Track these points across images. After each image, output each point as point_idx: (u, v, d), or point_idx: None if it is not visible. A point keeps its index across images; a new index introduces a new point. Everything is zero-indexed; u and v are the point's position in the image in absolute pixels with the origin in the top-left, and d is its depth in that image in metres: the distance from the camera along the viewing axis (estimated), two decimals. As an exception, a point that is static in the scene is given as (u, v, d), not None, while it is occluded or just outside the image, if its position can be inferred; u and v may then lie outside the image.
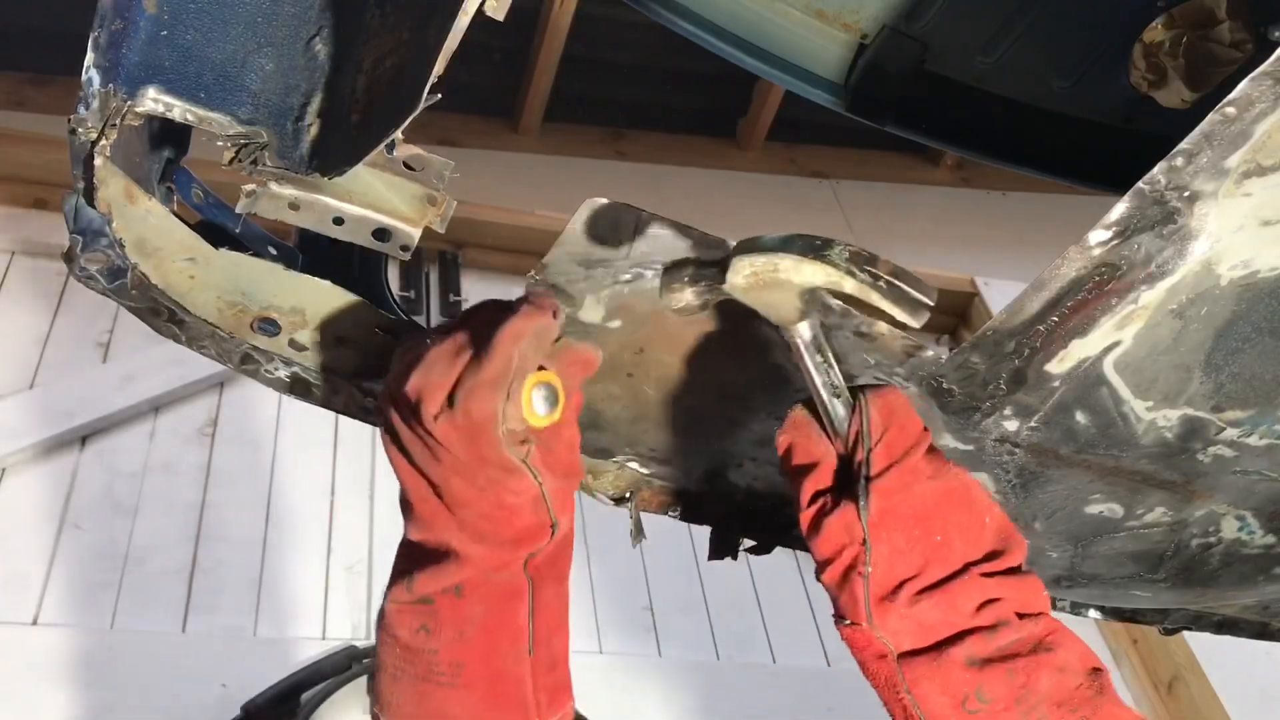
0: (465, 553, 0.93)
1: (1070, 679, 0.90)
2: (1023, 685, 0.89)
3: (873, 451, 0.91)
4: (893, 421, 0.92)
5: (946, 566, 0.90)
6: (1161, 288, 0.91)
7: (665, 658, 3.16)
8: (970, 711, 0.89)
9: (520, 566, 0.95)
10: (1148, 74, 1.56)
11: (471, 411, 0.89)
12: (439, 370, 0.90)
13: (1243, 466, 1.09)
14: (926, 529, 0.90)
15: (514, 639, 0.96)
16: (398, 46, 0.94)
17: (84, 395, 3.30)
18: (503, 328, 0.90)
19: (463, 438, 0.89)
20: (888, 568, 0.90)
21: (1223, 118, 0.82)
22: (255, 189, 1.01)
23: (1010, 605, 0.91)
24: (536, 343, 0.92)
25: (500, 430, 0.89)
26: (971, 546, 0.92)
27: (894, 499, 0.90)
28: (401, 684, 0.96)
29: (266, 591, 3.03)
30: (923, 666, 0.90)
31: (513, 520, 0.93)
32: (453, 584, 0.94)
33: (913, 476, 0.91)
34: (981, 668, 0.89)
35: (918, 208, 5.09)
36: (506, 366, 0.89)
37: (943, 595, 0.90)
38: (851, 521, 0.90)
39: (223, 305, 1.05)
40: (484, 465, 0.90)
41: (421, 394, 0.90)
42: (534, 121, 4.86)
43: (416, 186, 1.04)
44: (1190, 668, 3.22)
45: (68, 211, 0.97)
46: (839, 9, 1.67)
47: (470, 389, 0.89)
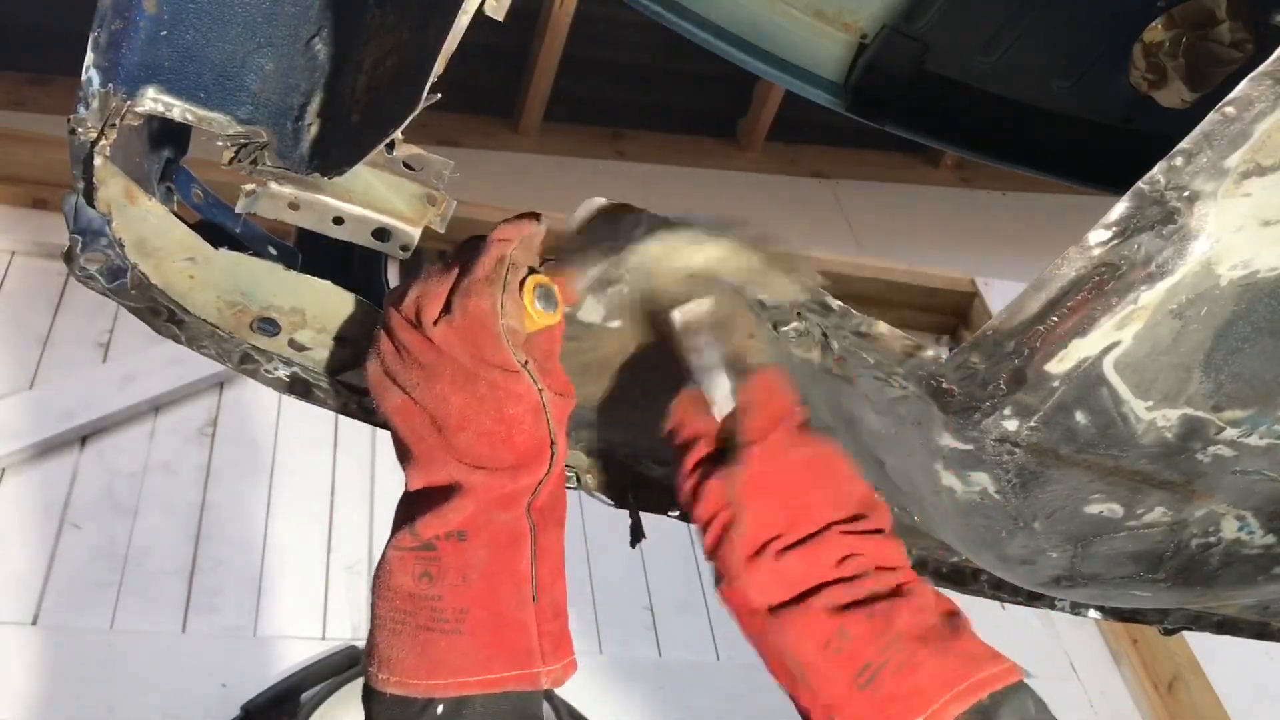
0: (467, 483, 0.94)
1: (927, 618, 0.95)
2: (882, 624, 0.94)
3: (744, 423, 0.97)
4: (764, 396, 0.97)
5: (810, 526, 0.96)
6: (1161, 288, 0.91)
7: (665, 658, 3.16)
8: (835, 650, 0.94)
9: (522, 509, 0.96)
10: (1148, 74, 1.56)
11: (469, 308, 0.92)
12: (434, 281, 0.94)
13: (1243, 466, 1.09)
14: (792, 493, 0.97)
15: (517, 584, 0.97)
16: (398, 46, 0.94)
17: (84, 395, 3.30)
18: (490, 235, 0.95)
19: (463, 338, 0.92)
20: (755, 528, 0.96)
21: (1222, 118, 0.82)
22: (255, 189, 1.01)
23: (870, 559, 0.97)
24: (525, 245, 0.97)
25: (500, 325, 0.92)
26: (834, 509, 0.97)
27: (763, 465, 0.96)
28: (403, 636, 0.96)
29: (266, 591, 3.03)
30: (789, 616, 0.95)
31: (513, 436, 0.94)
32: (456, 527, 0.95)
33: (781, 445, 0.97)
34: (842, 611, 0.95)
35: (918, 208, 5.09)
36: (499, 263, 0.93)
37: (805, 550, 0.96)
38: (724, 486, 0.96)
39: (222, 305, 1.05)
40: (484, 367, 0.92)
41: (420, 303, 0.93)
42: (534, 121, 4.86)
43: (416, 186, 1.04)
44: (1190, 668, 3.22)
45: (68, 211, 0.97)
46: (839, 9, 1.67)
47: (466, 288, 0.92)
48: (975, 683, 0.93)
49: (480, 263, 0.94)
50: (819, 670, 0.95)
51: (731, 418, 0.98)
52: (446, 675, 0.95)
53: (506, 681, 0.96)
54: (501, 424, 0.93)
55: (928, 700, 0.92)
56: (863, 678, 0.93)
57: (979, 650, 0.96)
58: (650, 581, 3.30)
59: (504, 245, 0.95)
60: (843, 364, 1.01)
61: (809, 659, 0.95)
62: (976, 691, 0.92)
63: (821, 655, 0.94)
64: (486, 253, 0.94)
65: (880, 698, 0.93)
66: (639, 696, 3.01)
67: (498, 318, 0.92)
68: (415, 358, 0.94)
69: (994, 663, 0.95)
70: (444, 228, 1.06)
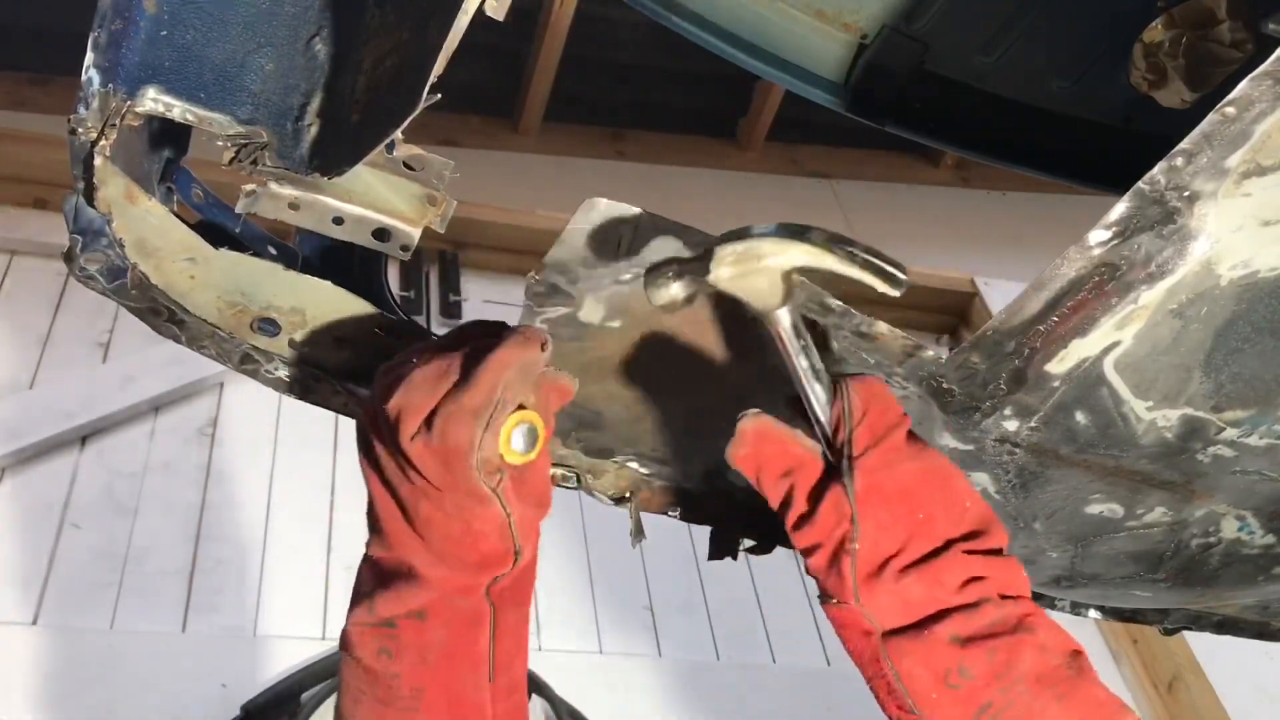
0: (427, 575, 0.94)
1: (1050, 658, 0.91)
2: (1004, 662, 0.90)
3: (855, 431, 0.92)
4: (873, 404, 0.93)
5: (930, 542, 0.91)
6: (1161, 288, 0.91)
7: (665, 658, 3.16)
8: (952, 686, 0.90)
9: (482, 592, 0.95)
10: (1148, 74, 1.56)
11: (448, 437, 0.89)
12: (421, 392, 0.91)
13: (1243, 466, 1.09)
14: (910, 506, 0.91)
15: (475, 665, 0.97)
16: (398, 46, 0.94)
17: (84, 395, 3.30)
18: (490, 356, 0.90)
19: (436, 461, 0.90)
20: (873, 544, 0.91)
21: (1222, 118, 0.82)
22: (255, 189, 1.01)
23: (993, 585, 0.92)
24: (522, 375, 0.92)
25: (474, 459, 0.89)
26: (954, 525, 0.93)
27: (877, 476, 0.91)
28: (363, 706, 0.97)
29: (266, 591, 3.03)
30: (907, 643, 0.91)
31: (478, 544, 0.93)
32: (416, 608, 0.94)
33: (895, 455, 0.92)
34: (964, 645, 0.90)
35: (918, 208, 5.09)
36: (490, 397, 0.89)
37: (927, 571, 0.91)
38: (840, 501, 0.91)
39: (223, 305, 1.05)
40: (454, 491, 0.90)
41: (401, 413, 0.91)
42: (534, 121, 4.86)
43: (416, 186, 1.04)
44: (1190, 668, 3.22)
45: (68, 211, 0.97)
46: (839, 9, 1.67)
47: (450, 414, 0.89)
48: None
49: (470, 391, 0.89)
50: (934, 705, 0.91)
51: (837, 427, 0.93)
52: None
53: None
54: (467, 535, 0.92)
55: None
56: (983, 717, 0.90)
57: (1104, 698, 0.92)
58: (650, 581, 3.30)
59: (499, 374, 0.90)
60: (843, 364, 1.01)
61: (924, 692, 0.91)
62: None
63: (939, 689, 0.90)
64: (479, 381, 0.89)
65: None
66: (639, 696, 3.01)
67: (474, 452, 0.89)
68: (390, 456, 0.93)
69: (1119, 715, 0.91)
70: (444, 228, 1.06)
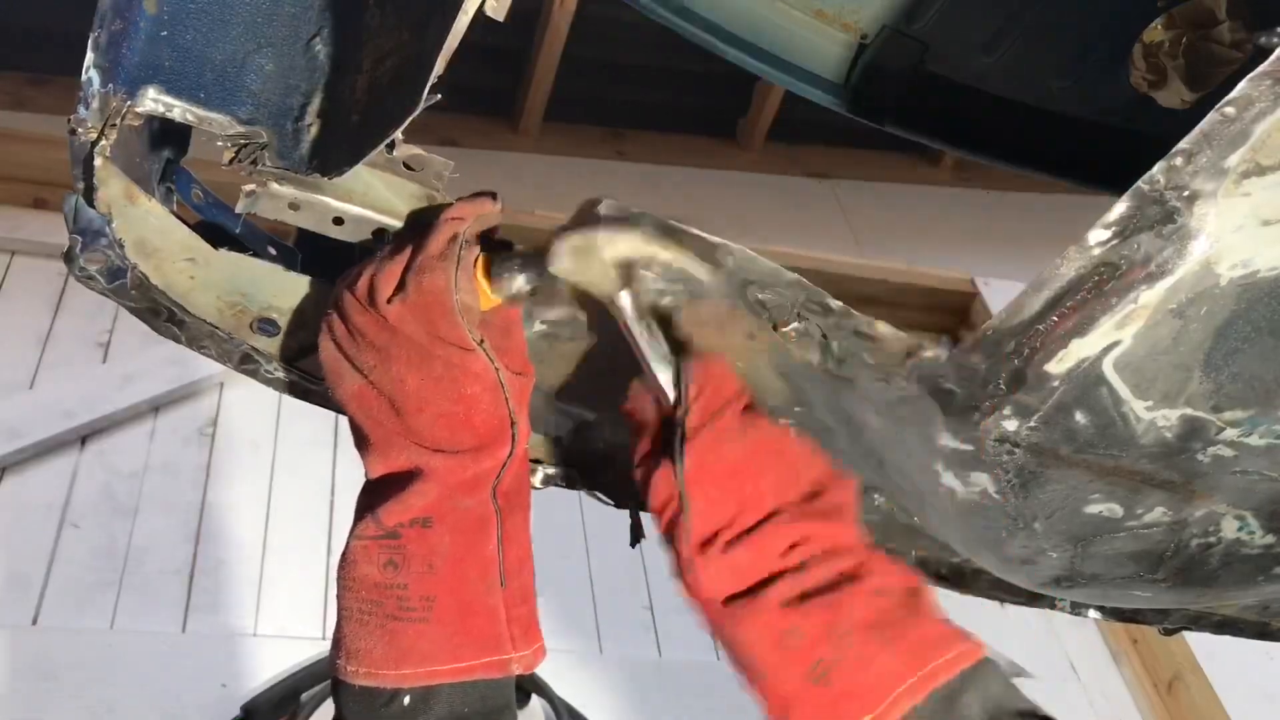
0: (428, 468, 0.94)
1: (883, 602, 0.94)
2: (834, 616, 0.92)
3: (688, 412, 0.94)
4: (708, 384, 0.95)
5: (757, 513, 0.94)
6: (1161, 287, 0.91)
7: (665, 658, 3.16)
8: (787, 647, 0.93)
9: (487, 493, 0.95)
10: (1148, 74, 1.56)
11: (424, 285, 0.91)
12: (388, 260, 0.94)
13: (1243, 466, 1.09)
14: (738, 480, 0.95)
15: (484, 570, 0.96)
16: (398, 47, 0.95)
17: (84, 395, 3.30)
18: (444, 213, 0.95)
19: (417, 316, 0.91)
20: (703, 519, 0.94)
21: (1222, 118, 0.82)
22: (255, 189, 1.01)
23: (818, 543, 0.95)
24: (479, 224, 0.96)
25: (455, 301, 0.91)
26: (781, 493, 0.96)
27: (707, 455, 0.94)
28: (369, 626, 0.95)
29: (266, 591, 3.03)
30: (742, 609, 0.94)
31: (472, 417, 0.93)
32: (420, 514, 0.94)
33: (724, 434, 0.95)
34: (795, 604, 0.93)
35: (918, 208, 5.09)
36: (453, 241, 0.93)
37: (752, 540, 0.94)
38: (670, 477, 0.95)
39: (223, 305, 1.05)
40: (440, 346, 0.91)
41: (374, 282, 0.92)
42: (534, 121, 4.86)
43: (416, 186, 1.05)
44: (1190, 668, 3.22)
45: (68, 211, 0.98)
46: (839, 9, 1.67)
47: (420, 265, 0.92)
48: (928, 673, 0.91)
49: (434, 240, 0.93)
50: (773, 667, 0.94)
51: (677, 406, 0.96)
52: (415, 664, 0.94)
53: (475, 669, 0.95)
54: (460, 404, 0.93)
55: (880, 695, 0.91)
56: (816, 673, 0.92)
57: (935, 633, 0.94)
58: (650, 581, 3.29)
59: (458, 223, 0.94)
60: (843, 364, 1.01)
61: (763, 655, 0.94)
62: (930, 682, 0.91)
63: (775, 652, 0.93)
64: (440, 230, 0.94)
65: (834, 694, 0.92)
66: (639, 696, 3.01)
67: (452, 293, 0.91)
68: (370, 339, 0.93)
69: (949, 646, 0.93)
70: (444, 228, 1.06)
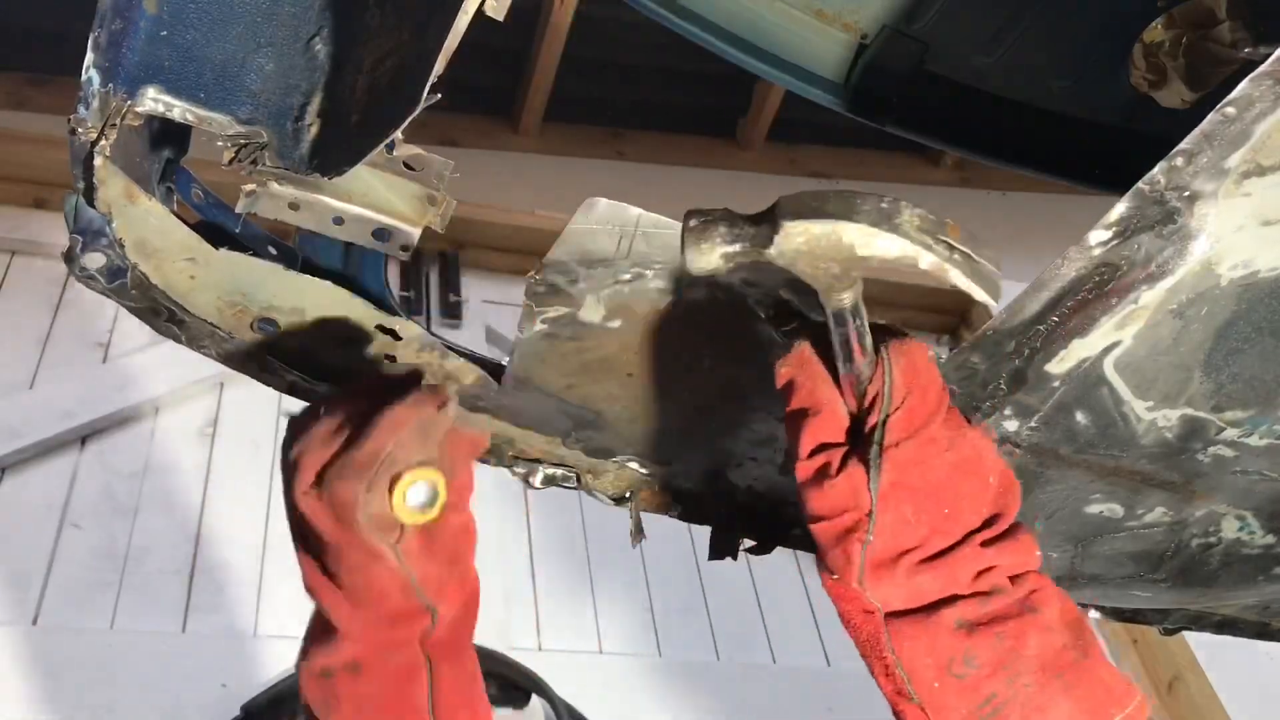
0: (348, 628, 0.93)
1: (1056, 639, 0.88)
2: (1010, 650, 0.87)
3: (891, 419, 0.86)
4: (915, 385, 0.86)
5: (949, 537, 0.87)
6: (1161, 288, 0.91)
7: (665, 658, 3.16)
8: (956, 675, 0.87)
9: (415, 646, 0.93)
10: (1148, 74, 1.56)
11: (335, 493, 0.88)
12: (316, 446, 0.90)
13: (1243, 466, 1.09)
14: (936, 502, 0.87)
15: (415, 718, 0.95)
16: (398, 46, 0.94)
17: (84, 395, 3.30)
18: (381, 415, 0.88)
19: (328, 517, 0.89)
20: (890, 538, 0.86)
21: (1223, 118, 0.82)
22: (255, 189, 1.01)
23: (1004, 571, 0.89)
24: (419, 434, 0.88)
25: (362, 516, 0.87)
26: (976, 515, 0.89)
27: (908, 472, 0.86)
28: None
29: (266, 591, 3.03)
30: (910, 626, 0.88)
31: (383, 601, 0.91)
32: (348, 660, 0.93)
33: (930, 449, 0.86)
34: (970, 632, 0.87)
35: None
36: (376, 455, 0.87)
37: (942, 565, 0.87)
38: (859, 488, 0.86)
39: (223, 305, 1.05)
40: (350, 548, 0.89)
41: (297, 466, 0.90)
42: (534, 121, 4.86)
43: (416, 186, 1.04)
44: (1190, 668, 3.22)
45: (68, 211, 0.97)
46: (839, 9, 1.67)
47: (337, 469, 0.88)
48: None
49: (359, 448, 0.87)
50: (936, 696, 0.87)
51: (873, 404, 0.86)
52: None
53: None
54: (371, 592, 0.91)
55: None
56: (985, 709, 0.86)
57: (1110, 681, 0.89)
58: (650, 581, 3.29)
59: (388, 435, 0.87)
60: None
61: (927, 679, 0.87)
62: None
63: (941, 679, 0.87)
64: (367, 440, 0.87)
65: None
66: (639, 696, 3.01)
67: (359, 509, 0.87)
68: None
69: (1126, 698, 0.88)
70: (444, 228, 1.06)
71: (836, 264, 0.81)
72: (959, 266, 0.79)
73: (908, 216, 0.80)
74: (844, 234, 0.79)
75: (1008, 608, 0.88)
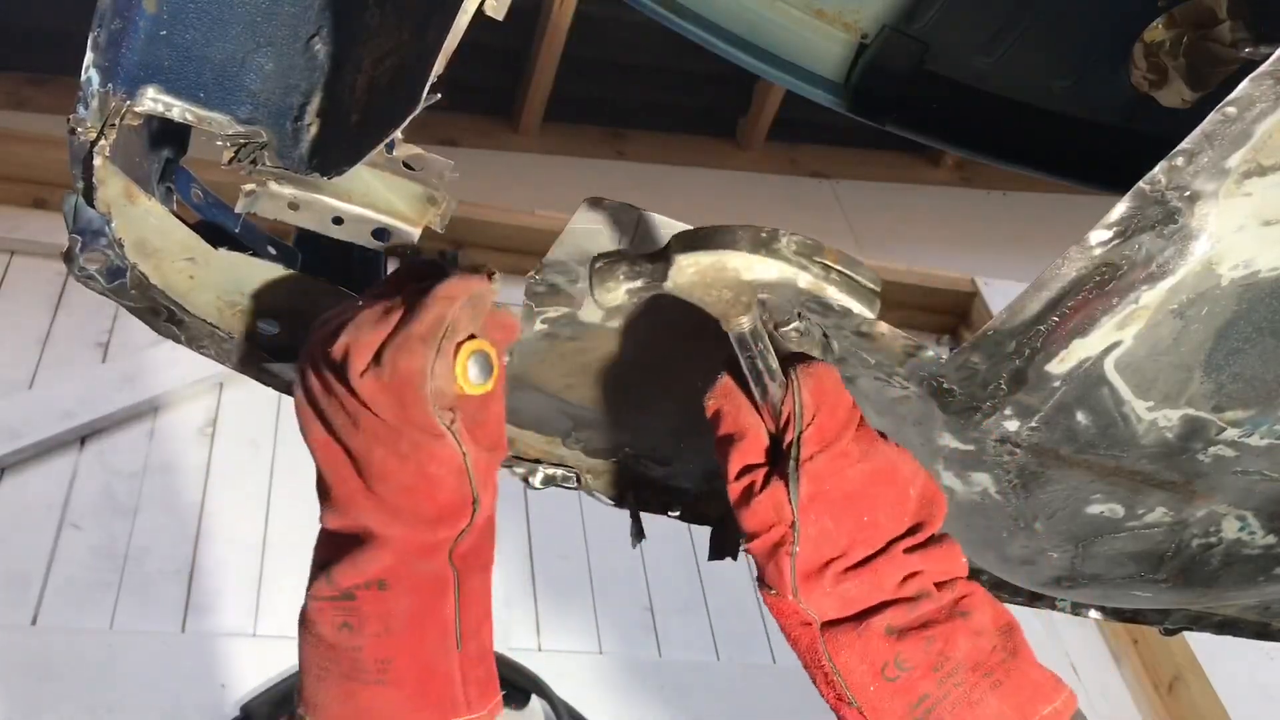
0: (384, 535, 0.91)
1: (985, 641, 0.92)
2: (939, 652, 0.91)
3: (804, 434, 0.91)
4: (824, 402, 0.92)
5: (871, 545, 0.92)
6: (1162, 288, 0.91)
7: (665, 658, 3.16)
8: (889, 679, 0.91)
9: (445, 556, 0.94)
10: (1148, 74, 1.56)
11: (399, 367, 0.87)
12: (368, 328, 0.89)
13: (1243, 467, 1.09)
14: (854, 510, 0.92)
15: (441, 633, 0.95)
16: (398, 46, 0.94)
17: (83, 395, 3.30)
18: (437, 287, 0.89)
19: (389, 396, 0.88)
20: (814, 548, 0.92)
21: (1223, 117, 0.82)
22: (255, 189, 1.01)
23: (930, 576, 0.94)
24: (472, 306, 0.90)
25: (428, 389, 0.87)
26: (896, 523, 0.93)
27: (824, 483, 0.91)
28: (326, 683, 0.94)
29: (266, 591, 3.03)
30: (844, 635, 0.92)
31: (434, 493, 0.91)
32: (375, 577, 0.92)
33: (843, 460, 0.92)
34: (900, 637, 0.91)
35: (918, 208, 5.09)
36: (439, 323, 0.88)
37: (867, 573, 0.92)
38: (781, 502, 0.91)
39: (222, 305, 1.04)
40: (408, 427, 0.88)
41: (349, 350, 0.88)
42: (534, 121, 4.85)
43: (416, 186, 1.04)
44: (1190, 668, 3.22)
45: (67, 211, 0.97)
46: (839, 8, 1.67)
47: (399, 344, 0.87)
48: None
49: (419, 319, 0.88)
50: (872, 699, 0.92)
51: (787, 424, 0.92)
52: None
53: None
54: (423, 481, 0.90)
55: None
56: (919, 710, 0.91)
57: (1038, 678, 0.93)
58: (650, 581, 3.29)
59: (447, 304, 0.88)
60: (843, 364, 1.00)
61: (862, 684, 0.92)
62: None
63: (876, 682, 0.91)
64: (428, 309, 0.88)
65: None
66: (639, 696, 3.01)
67: (426, 380, 0.87)
68: (340, 402, 0.90)
69: (1054, 694, 0.92)
70: (444, 228, 1.06)
71: (728, 290, 0.89)
72: (835, 284, 0.87)
73: (785, 242, 0.87)
74: (728, 261, 0.87)
75: (936, 612, 0.92)
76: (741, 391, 0.95)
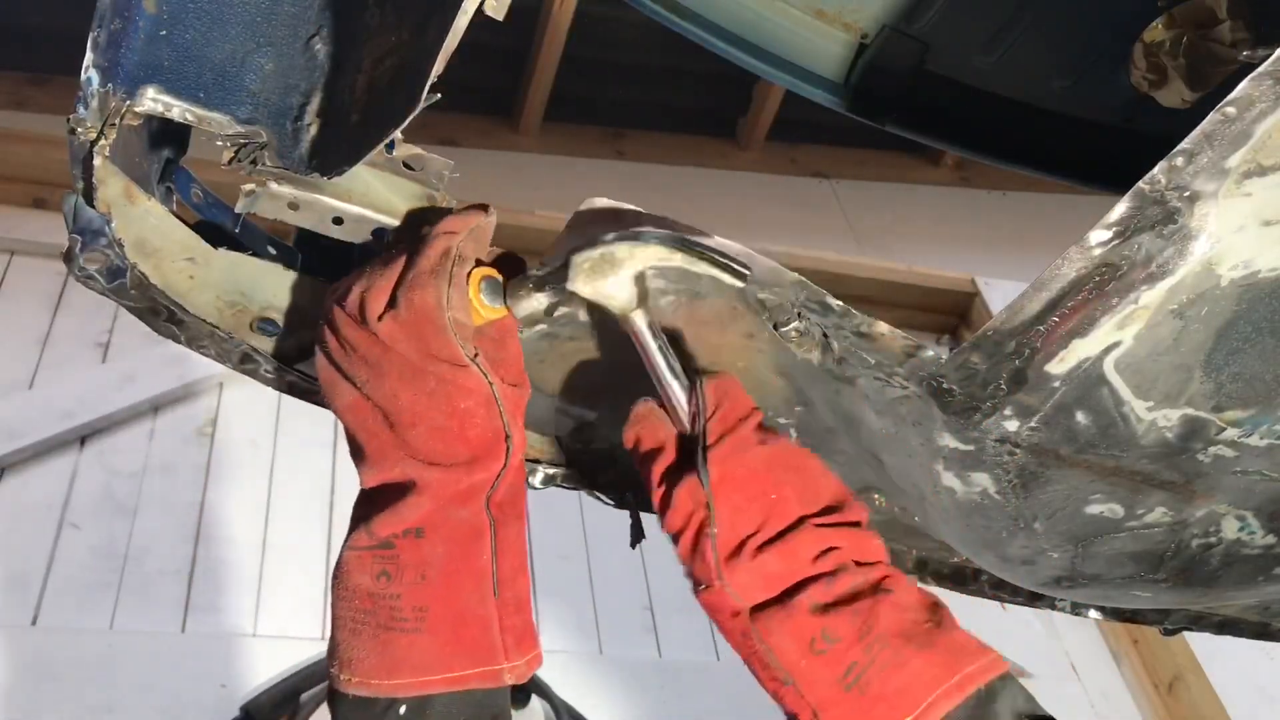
0: (422, 480, 0.93)
1: (910, 615, 0.95)
2: (864, 623, 0.93)
3: (708, 424, 0.96)
4: (725, 398, 0.97)
5: (784, 520, 0.95)
6: (1162, 288, 0.91)
7: (665, 658, 3.16)
8: (818, 651, 0.94)
9: (481, 503, 0.95)
10: (1148, 74, 1.56)
11: (415, 302, 0.91)
12: (378, 275, 0.93)
13: (1243, 467, 1.09)
14: (762, 488, 0.96)
15: (478, 580, 0.96)
16: (398, 46, 0.94)
17: (83, 395, 3.30)
18: (438, 224, 0.94)
19: (409, 333, 0.91)
20: (731, 526, 0.95)
21: (1223, 118, 0.82)
22: (255, 189, 1.01)
23: (848, 553, 0.96)
24: (472, 237, 0.95)
25: (447, 319, 0.91)
26: (807, 503, 0.97)
27: (730, 464, 0.96)
28: (363, 636, 0.95)
29: (266, 591, 3.03)
30: (772, 617, 0.95)
31: (465, 430, 0.93)
32: (413, 524, 0.94)
33: (745, 443, 0.97)
34: (825, 611, 0.94)
35: (918, 208, 5.09)
36: (446, 256, 0.92)
37: (783, 546, 0.95)
38: (695, 488, 0.95)
39: (222, 305, 1.05)
40: (432, 362, 0.91)
41: (365, 298, 0.92)
42: (534, 121, 4.86)
43: (416, 186, 1.04)
44: (1190, 668, 3.22)
45: (67, 211, 0.97)
46: (839, 8, 1.67)
47: (411, 281, 0.91)
48: (963, 678, 0.92)
49: (425, 255, 0.92)
50: (804, 672, 0.94)
51: (693, 422, 0.98)
52: (408, 675, 0.94)
53: (469, 679, 0.95)
54: (453, 419, 0.92)
55: (916, 699, 0.91)
56: (849, 678, 0.93)
57: (964, 643, 0.95)
58: (650, 581, 3.29)
59: (450, 237, 0.94)
60: (843, 364, 1.01)
61: (793, 661, 0.94)
62: (965, 687, 0.92)
63: (806, 657, 0.94)
64: (432, 245, 0.93)
65: (868, 698, 0.92)
66: (639, 696, 3.01)
67: (444, 311, 0.91)
68: (362, 354, 0.93)
69: (981, 655, 0.94)
70: (444, 228, 1.06)
71: (618, 284, 0.94)
72: (705, 258, 0.93)
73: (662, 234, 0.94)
74: (615, 252, 0.93)
75: (859, 587, 0.95)
76: (656, 412, 1.00)
